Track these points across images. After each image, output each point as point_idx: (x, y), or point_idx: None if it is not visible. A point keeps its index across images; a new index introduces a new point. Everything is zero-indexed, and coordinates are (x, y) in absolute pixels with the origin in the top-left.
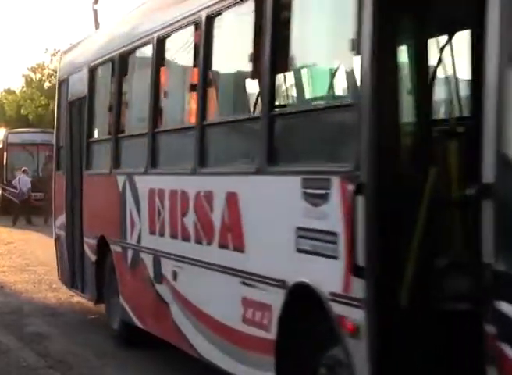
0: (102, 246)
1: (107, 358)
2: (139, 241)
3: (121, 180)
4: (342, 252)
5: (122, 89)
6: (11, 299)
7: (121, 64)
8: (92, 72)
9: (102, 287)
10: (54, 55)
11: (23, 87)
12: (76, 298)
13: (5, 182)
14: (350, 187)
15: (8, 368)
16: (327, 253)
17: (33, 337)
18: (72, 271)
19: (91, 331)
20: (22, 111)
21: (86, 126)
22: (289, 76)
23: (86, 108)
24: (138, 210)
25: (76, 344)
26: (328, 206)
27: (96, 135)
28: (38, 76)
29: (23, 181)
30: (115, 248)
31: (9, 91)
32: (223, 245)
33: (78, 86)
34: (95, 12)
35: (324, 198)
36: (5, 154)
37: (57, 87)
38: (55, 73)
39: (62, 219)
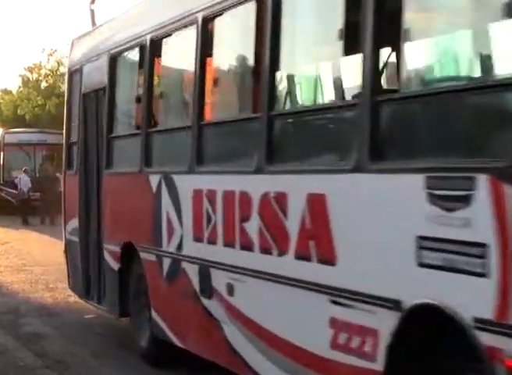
0: (128, 253)
1: (104, 358)
2: (179, 248)
3: (155, 179)
4: (494, 269)
5: (153, 78)
6: (8, 299)
7: (153, 49)
8: (113, 60)
9: (127, 299)
10: (51, 54)
11: (19, 87)
12: (73, 298)
13: (1, 182)
14: (508, 188)
15: (5, 368)
16: (470, 269)
17: (30, 337)
18: (86, 280)
19: (88, 331)
20: (18, 111)
21: (105, 121)
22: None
23: (105, 101)
24: (179, 214)
25: (73, 344)
26: (470, 211)
27: (118, 130)
28: (35, 76)
29: (23, 181)
30: (147, 257)
31: (6, 91)
32: (302, 256)
33: (95, 76)
34: (92, 12)
35: (464, 201)
36: (1, 154)
37: (67, 78)
38: (52, 72)
39: (74, 223)
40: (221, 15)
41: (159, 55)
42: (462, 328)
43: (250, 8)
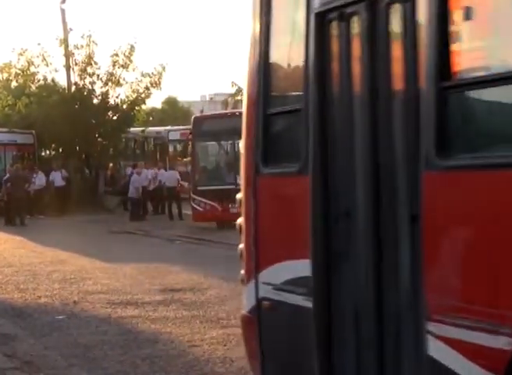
0: None
1: (74, 359)
2: None
3: None
4: None
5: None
6: None
7: None
8: None
9: None
10: (21, 54)
11: None
12: (44, 299)
13: None
14: None
15: None
16: None
17: (0, 338)
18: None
19: (59, 332)
20: None
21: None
22: None
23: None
24: None
25: (43, 345)
26: None
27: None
28: (5, 75)
29: None
30: None
31: None
32: None
33: None
34: (63, 11)
35: None
36: None
37: None
38: (22, 72)
39: (286, 269)
40: None
41: None
42: None
43: None
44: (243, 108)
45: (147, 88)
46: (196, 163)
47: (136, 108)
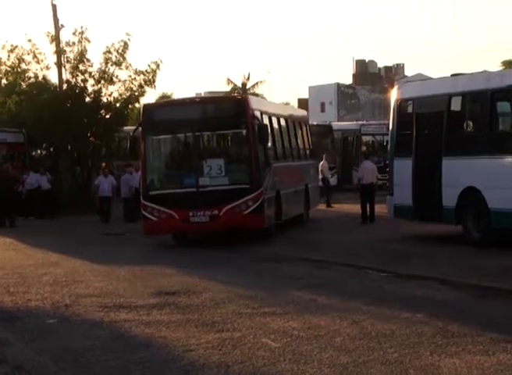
0: None
1: (65, 364)
2: None
3: None
4: None
5: None
6: None
7: None
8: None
9: None
10: (11, 51)
11: None
12: (34, 302)
13: None
14: None
15: None
16: None
17: None
18: None
19: (49, 336)
20: None
21: None
22: None
23: None
24: None
25: (34, 349)
26: None
27: None
28: None
29: None
30: None
31: None
32: None
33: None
34: (54, 6)
35: None
36: None
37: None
38: (13, 69)
39: None
40: None
41: None
42: None
43: None
44: None
45: (140, 86)
46: (147, 162)
47: (130, 106)
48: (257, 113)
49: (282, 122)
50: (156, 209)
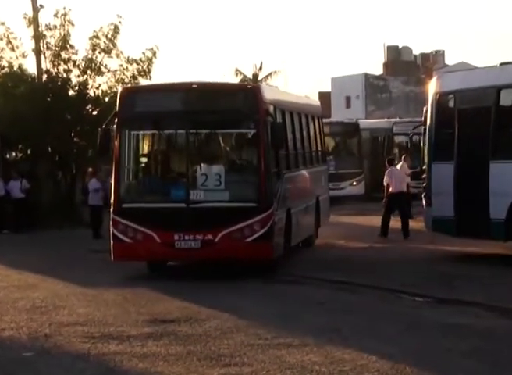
0: None
1: None
2: None
3: None
4: None
5: None
6: None
7: None
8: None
9: None
10: None
11: None
12: (8, 332)
13: None
14: None
15: None
16: None
17: None
18: None
19: (24, 371)
20: None
21: None
22: None
23: None
24: None
25: None
26: None
27: None
28: None
29: None
30: None
31: None
32: None
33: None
34: None
35: None
36: None
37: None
38: None
39: None
40: None
41: None
42: None
43: None
44: None
45: (134, 77)
46: (121, 164)
47: None
48: (271, 108)
49: (297, 118)
50: (131, 228)
